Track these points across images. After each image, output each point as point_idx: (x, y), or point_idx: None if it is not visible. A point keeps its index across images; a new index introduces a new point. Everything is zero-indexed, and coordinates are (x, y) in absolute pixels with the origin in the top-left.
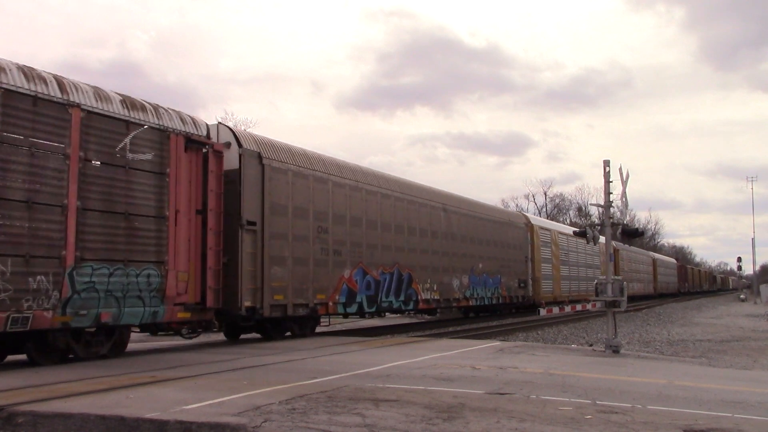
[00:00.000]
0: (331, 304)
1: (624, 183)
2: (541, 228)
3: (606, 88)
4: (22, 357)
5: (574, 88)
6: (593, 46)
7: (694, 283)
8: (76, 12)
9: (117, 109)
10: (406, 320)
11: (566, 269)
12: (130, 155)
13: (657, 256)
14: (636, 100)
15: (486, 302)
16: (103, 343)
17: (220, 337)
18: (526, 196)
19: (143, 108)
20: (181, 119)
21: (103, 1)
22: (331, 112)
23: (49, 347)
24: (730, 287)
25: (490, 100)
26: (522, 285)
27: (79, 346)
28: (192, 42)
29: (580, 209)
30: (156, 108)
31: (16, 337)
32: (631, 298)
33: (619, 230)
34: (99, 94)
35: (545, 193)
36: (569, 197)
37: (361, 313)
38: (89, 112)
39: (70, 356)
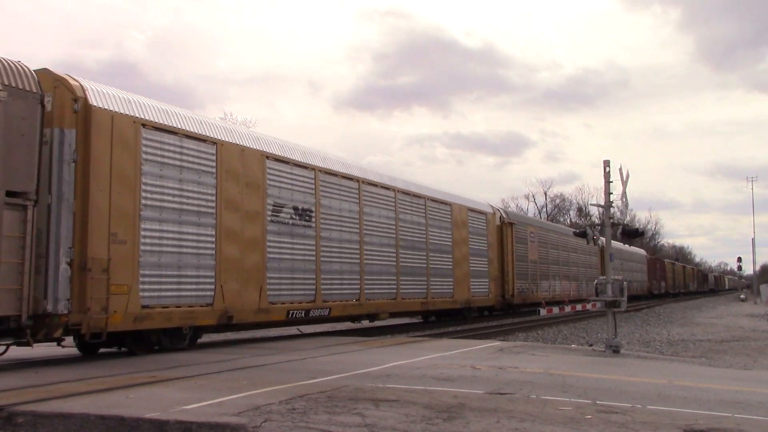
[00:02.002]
0: None
1: (624, 183)
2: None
3: (604, 88)
4: (22, 357)
5: (572, 88)
6: (591, 47)
7: (675, 282)
8: (74, 12)
9: None
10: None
11: (308, 244)
12: None
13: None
14: (634, 100)
15: None
16: None
17: (222, 337)
18: (527, 197)
19: None
20: None
21: (100, 1)
22: (329, 112)
23: None
24: (727, 287)
25: (487, 100)
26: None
27: None
28: (190, 42)
29: (580, 209)
30: None
31: None
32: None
33: (620, 230)
34: None
35: (545, 194)
36: (569, 197)
37: None
38: None
39: None
